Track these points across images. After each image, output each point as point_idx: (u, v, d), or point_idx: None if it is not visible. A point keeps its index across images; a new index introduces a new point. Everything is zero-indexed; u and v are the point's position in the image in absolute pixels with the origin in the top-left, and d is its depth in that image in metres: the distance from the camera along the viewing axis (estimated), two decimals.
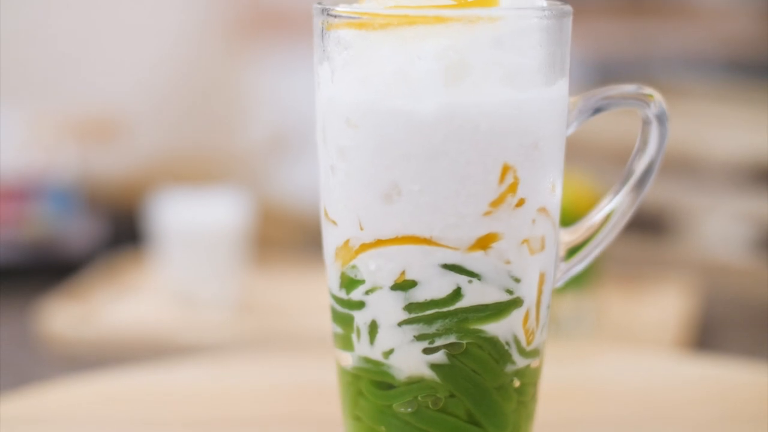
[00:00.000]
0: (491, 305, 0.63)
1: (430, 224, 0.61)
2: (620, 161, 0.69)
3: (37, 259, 1.83)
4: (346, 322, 0.65)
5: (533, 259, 0.63)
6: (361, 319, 0.64)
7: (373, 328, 0.63)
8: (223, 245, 1.55)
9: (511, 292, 0.63)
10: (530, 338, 0.65)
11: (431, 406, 0.63)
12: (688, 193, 1.94)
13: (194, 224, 1.54)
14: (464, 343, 0.62)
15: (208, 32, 2.34)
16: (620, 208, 0.68)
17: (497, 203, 0.62)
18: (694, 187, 1.94)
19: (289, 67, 2.29)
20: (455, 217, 0.61)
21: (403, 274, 0.62)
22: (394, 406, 0.64)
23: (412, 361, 0.63)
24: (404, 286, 0.62)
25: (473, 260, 0.62)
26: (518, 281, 0.63)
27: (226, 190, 1.66)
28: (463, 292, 0.62)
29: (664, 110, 0.66)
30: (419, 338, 0.63)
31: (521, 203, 0.62)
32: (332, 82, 0.63)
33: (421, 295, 0.62)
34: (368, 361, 0.64)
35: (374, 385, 0.64)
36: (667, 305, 1.57)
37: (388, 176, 0.61)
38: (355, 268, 0.63)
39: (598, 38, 2.29)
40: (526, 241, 0.63)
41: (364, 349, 0.64)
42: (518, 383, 0.65)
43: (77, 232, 1.86)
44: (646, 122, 0.67)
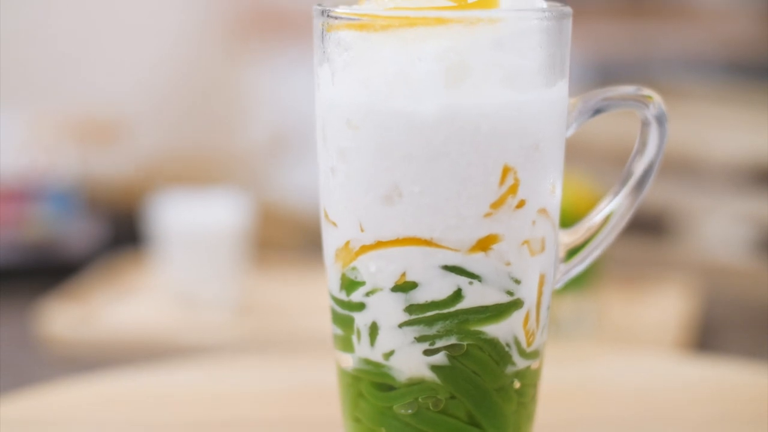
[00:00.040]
0: (492, 307, 0.63)
1: (430, 226, 0.61)
2: (620, 162, 0.69)
3: (37, 260, 1.83)
4: (346, 323, 0.65)
5: (533, 260, 0.63)
6: (361, 320, 0.64)
7: (373, 329, 0.63)
8: (223, 246, 1.55)
9: (511, 293, 0.63)
10: (530, 339, 0.65)
11: (432, 407, 0.63)
12: (688, 194, 1.94)
13: (194, 225, 1.54)
14: (465, 344, 0.62)
15: (208, 34, 2.34)
16: (620, 209, 0.68)
17: (498, 204, 0.62)
18: (694, 188, 1.94)
19: (289, 68, 2.29)
20: (456, 218, 0.61)
21: (403, 275, 0.62)
22: (394, 407, 0.64)
23: (412, 362, 0.63)
24: (405, 287, 0.62)
25: (474, 262, 0.62)
26: (518, 282, 0.63)
27: (226, 191, 1.66)
28: (463, 293, 0.62)
29: (663, 111, 0.66)
30: (420, 340, 0.63)
31: (522, 204, 0.62)
32: (333, 83, 0.62)
33: (421, 296, 0.62)
34: (368, 362, 0.64)
35: (375, 386, 0.64)
36: (667, 306, 1.57)
37: (388, 178, 0.61)
38: (355, 269, 0.63)
39: (598, 40, 2.30)
40: (526, 242, 0.63)
41: (364, 350, 0.64)
42: (518, 384, 0.65)
43: (77, 233, 1.86)
44: (645, 123, 0.67)
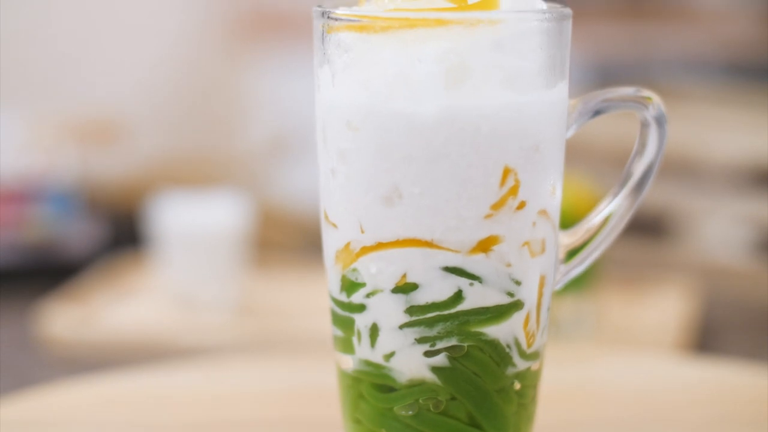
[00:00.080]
0: (492, 308, 0.63)
1: (431, 227, 0.61)
2: (620, 163, 0.69)
3: (37, 261, 1.83)
4: (346, 325, 0.65)
5: (534, 261, 0.63)
6: (361, 322, 0.64)
7: (374, 331, 0.63)
8: (223, 248, 1.55)
9: (512, 294, 0.63)
10: (531, 341, 0.65)
11: (432, 408, 0.63)
12: (688, 195, 1.94)
13: (194, 227, 1.54)
14: (465, 345, 0.62)
15: (207, 35, 2.34)
16: (619, 210, 0.68)
17: (498, 206, 0.62)
18: (694, 189, 1.94)
19: (289, 69, 2.29)
20: (456, 219, 0.61)
21: (404, 277, 0.62)
22: (395, 409, 0.64)
23: (413, 363, 0.63)
24: (405, 289, 0.62)
25: (474, 263, 0.62)
26: (519, 284, 0.63)
27: (226, 192, 1.66)
28: (464, 294, 0.62)
29: (662, 112, 0.66)
30: (420, 341, 0.63)
31: (522, 206, 0.62)
32: (333, 85, 0.62)
33: (422, 298, 0.62)
34: (369, 364, 0.64)
35: (375, 388, 0.64)
36: (667, 308, 1.56)
37: (388, 179, 0.61)
38: (355, 271, 0.63)
39: (597, 41, 2.30)
40: (526, 243, 0.63)
41: (364, 352, 0.64)
42: (519, 386, 0.65)
43: (77, 234, 1.86)
44: (644, 125, 0.67)
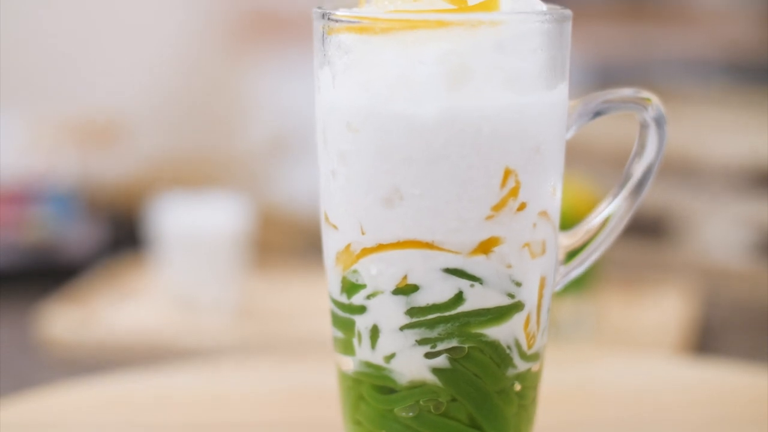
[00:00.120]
0: (493, 309, 0.63)
1: (431, 228, 0.61)
2: (620, 165, 0.69)
3: (37, 262, 1.83)
4: (346, 326, 0.65)
5: (534, 263, 0.63)
6: (362, 323, 0.64)
7: (374, 332, 0.63)
8: (223, 249, 1.55)
9: (512, 296, 0.63)
10: (531, 342, 0.65)
11: (433, 410, 0.63)
12: (688, 197, 1.94)
13: (194, 228, 1.54)
14: (466, 347, 0.62)
15: (208, 36, 2.34)
16: (618, 211, 0.68)
17: (499, 207, 0.62)
18: (694, 191, 1.94)
19: (289, 70, 2.29)
20: (457, 221, 0.61)
21: (404, 278, 0.62)
22: (395, 410, 0.64)
23: (413, 365, 0.63)
24: (406, 290, 0.62)
25: (475, 264, 0.62)
26: (519, 285, 0.63)
27: (226, 193, 1.66)
28: (464, 296, 0.62)
29: (662, 114, 0.66)
30: (421, 342, 0.62)
31: (523, 207, 0.62)
32: (333, 86, 0.62)
33: (422, 299, 0.62)
34: (369, 365, 0.64)
35: (375, 389, 0.64)
36: (667, 309, 1.57)
37: (389, 180, 0.61)
38: (356, 272, 0.63)
39: (598, 42, 2.30)
40: (527, 245, 0.63)
41: (365, 353, 0.64)
42: (519, 387, 0.65)
43: (77, 235, 1.86)
44: (643, 126, 0.67)
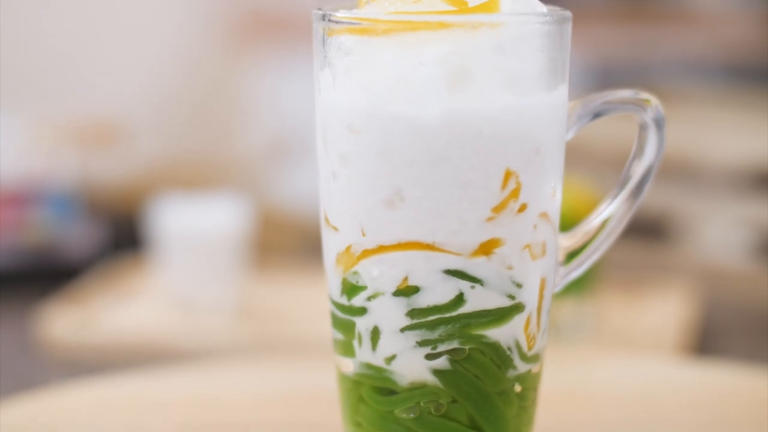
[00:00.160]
0: (493, 311, 0.63)
1: (432, 230, 0.61)
2: (620, 166, 0.69)
3: (37, 264, 1.83)
4: (347, 328, 0.65)
5: (534, 264, 0.63)
6: (362, 325, 0.64)
7: (375, 334, 0.63)
8: (223, 250, 1.55)
9: (513, 297, 0.63)
10: (531, 343, 0.65)
11: (433, 411, 0.63)
12: (688, 198, 1.94)
13: (194, 229, 1.54)
14: (467, 348, 0.62)
15: (208, 38, 2.35)
16: (618, 213, 0.68)
17: (500, 209, 0.62)
18: (694, 192, 1.94)
19: (289, 72, 2.29)
20: (458, 222, 0.61)
21: (405, 280, 0.62)
22: (396, 411, 0.64)
23: (414, 366, 0.63)
24: (407, 292, 0.62)
25: (476, 266, 0.62)
26: (520, 286, 0.63)
27: (226, 195, 1.66)
28: (465, 297, 0.62)
29: (661, 115, 0.66)
30: (422, 344, 0.62)
31: (523, 208, 0.62)
32: (334, 88, 0.62)
33: (423, 300, 0.62)
34: (370, 367, 0.64)
35: (376, 391, 0.64)
36: (667, 310, 1.56)
37: (390, 182, 0.61)
38: (356, 274, 0.63)
39: (598, 43, 2.30)
40: (527, 246, 0.63)
41: (365, 355, 0.64)
42: (519, 388, 0.65)
43: (77, 237, 1.86)
44: (643, 127, 0.67)
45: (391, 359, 0.63)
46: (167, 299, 1.57)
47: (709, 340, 1.57)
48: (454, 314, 0.62)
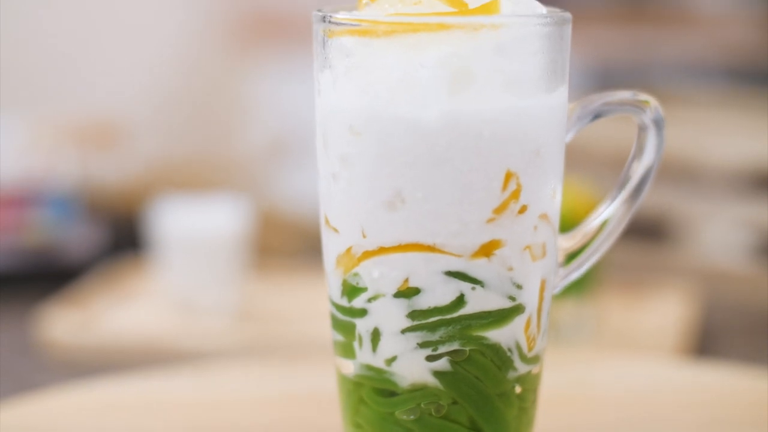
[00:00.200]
0: (494, 312, 0.63)
1: (433, 231, 0.61)
2: (620, 167, 0.69)
3: (37, 265, 1.82)
4: (347, 329, 0.65)
5: (535, 265, 0.64)
6: (363, 326, 0.64)
7: (375, 335, 0.63)
8: (223, 252, 1.55)
9: (513, 298, 0.63)
10: (532, 344, 0.65)
11: (434, 413, 0.63)
12: (688, 199, 1.94)
13: (194, 231, 1.54)
14: (467, 350, 0.62)
15: (208, 38, 2.35)
16: (617, 214, 0.68)
17: (500, 210, 0.62)
18: (694, 193, 1.94)
19: (289, 72, 2.29)
20: (458, 224, 0.61)
21: (406, 281, 0.62)
22: (396, 413, 0.64)
23: (415, 368, 0.63)
24: (407, 293, 0.62)
25: (476, 267, 0.62)
26: (520, 288, 0.63)
27: (226, 196, 1.66)
28: (466, 299, 0.62)
29: (660, 116, 0.66)
30: (422, 345, 0.63)
31: (524, 210, 0.62)
32: (334, 89, 0.62)
33: (424, 302, 0.62)
34: (370, 368, 0.64)
35: (376, 392, 0.64)
36: (667, 312, 1.56)
37: (391, 184, 0.61)
38: (357, 275, 0.63)
39: (597, 45, 2.30)
40: (528, 247, 0.63)
41: (366, 356, 0.64)
42: (520, 389, 0.65)
43: (77, 238, 1.86)
44: (641, 128, 0.67)
45: (391, 361, 0.63)
46: (167, 300, 1.57)
47: (709, 341, 1.57)
48: (454, 316, 0.62)
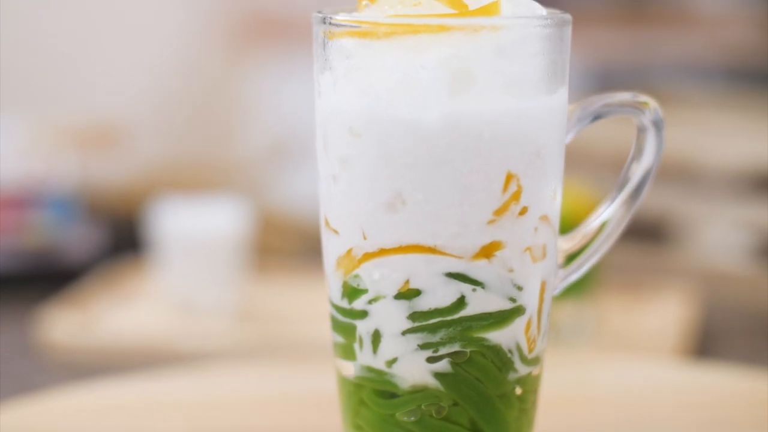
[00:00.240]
0: (495, 313, 0.63)
1: (434, 233, 0.61)
2: (620, 169, 0.69)
3: (37, 267, 1.82)
4: (347, 331, 0.65)
5: (535, 267, 0.64)
6: (363, 328, 0.64)
7: (376, 337, 0.63)
8: (223, 253, 1.55)
9: (514, 300, 0.63)
10: (532, 346, 0.65)
11: (435, 414, 0.63)
12: (687, 200, 1.94)
13: (194, 232, 1.54)
14: (468, 351, 0.62)
15: (208, 40, 2.35)
16: (616, 216, 0.68)
17: (501, 211, 0.62)
18: (693, 194, 1.94)
19: (289, 74, 2.29)
20: (459, 225, 0.61)
21: (407, 283, 0.62)
22: (396, 415, 0.64)
23: (415, 369, 0.63)
24: (408, 295, 0.62)
25: (477, 269, 0.62)
26: (521, 289, 0.63)
27: (226, 197, 1.66)
28: (467, 300, 0.62)
29: (659, 117, 0.66)
30: (423, 347, 0.63)
31: (524, 211, 0.62)
32: (334, 91, 0.62)
33: (425, 303, 0.62)
34: (371, 370, 0.64)
35: (377, 394, 0.64)
36: (666, 313, 1.56)
37: (391, 185, 0.61)
38: (357, 277, 0.63)
39: (597, 46, 2.30)
40: (528, 249, 0.63)
41: (366, 358, 0.64)
42: (520, 391, 0.65)
43: (77, 239, 1.86)
44: (641, 130, 0.67)
45: (392, 362, 0.63)
46: (167, 302, 1.57)
47: (709, 342, 1.57)
48: (455, 317, 0.62)
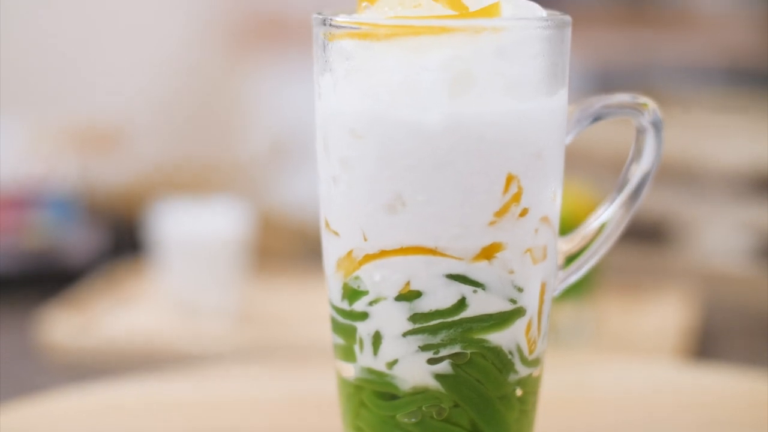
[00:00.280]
0: (495, 315, 0.63)
1: (434, 235, 0.61)
2: (620, 170, 0.69)
3: (37, 268, 1.82)
4: (348, 333, 0.65)
5: (535, 268, 0.64)
6: (364, 330, 0.64)
7: (376, 339, 0.63)
8: (223, 255, 1.55)
9: (514, 301, 0.63)
10: (532, 347, 0.65)
11: (435, 416, 0.63)
12: (687, 202, 1.94)
13: (194, 234, 1.54)
14: (468, 352, 0.62)
15: (208, 42, 2.35)
16: (615, 217, 0.68)
17: (501, 213, 0.62)
18: (694, 196, 1.94)
19: (289, 76, 2.29)
20: (460, 227, 0.61)
21: (407, 284, 0.62)
22: (397, 416, 0.64)
23: (416, 371, 0.63)
24: (409, 296, 0.62)
25: (478, 270, 0.62)
26: (521, 291, 0.63)
27: (226, 199, 1.66)
28: (467, 302, 0.62)
29: (659, 119, 0.66)
30: (424, 348, 0.63)
31: (525, 213, 0.62)
32: (335, 92, 0.62)
33: (426, 305, 0.62)
34: (371, 372, 0.64)
35: (377, 395, 0.64)
36: (666, 314, 1.57)
37: (392, 187, 0.61)
38: (358, 279, 0.63)
39: (598, 48, 2.30)
40: (529, 250, 0.63)
41: (367, 360, 0.64)
42: (520, 392, 0.65)
43: (77, 241, 1.86)
44: (640, 131, 0.67)
45: (392, 364, 0.63)
46: (167, 303, 1.57)
47: (708, 343, 1.57)
48: (456, 319, 0.62)
